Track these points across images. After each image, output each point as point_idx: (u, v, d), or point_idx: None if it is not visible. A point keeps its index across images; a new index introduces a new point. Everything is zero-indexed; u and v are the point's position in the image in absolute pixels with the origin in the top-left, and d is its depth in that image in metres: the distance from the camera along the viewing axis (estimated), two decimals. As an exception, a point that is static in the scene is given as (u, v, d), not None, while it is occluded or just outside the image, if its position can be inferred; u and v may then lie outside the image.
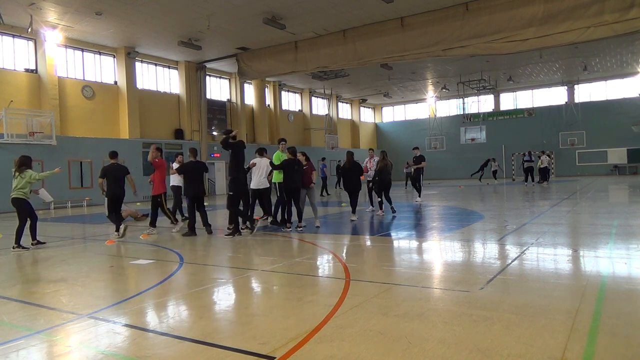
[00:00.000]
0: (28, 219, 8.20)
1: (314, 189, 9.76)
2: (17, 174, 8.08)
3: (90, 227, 10.54)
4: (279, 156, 10.15)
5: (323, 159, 24.26)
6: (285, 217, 9.84)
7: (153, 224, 9.75)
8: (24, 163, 8.14)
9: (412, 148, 16.38)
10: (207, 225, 9.46)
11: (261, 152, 10.23)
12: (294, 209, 9.57)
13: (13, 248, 7.98)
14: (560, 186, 22.45)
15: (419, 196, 15.27)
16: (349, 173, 10.93)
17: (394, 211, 11.62)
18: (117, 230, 9.05)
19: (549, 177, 25.25)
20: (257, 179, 9.69)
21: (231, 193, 8.95)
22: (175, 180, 11.27)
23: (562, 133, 34.88)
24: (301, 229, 9.30)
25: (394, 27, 18.80)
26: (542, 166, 23.94)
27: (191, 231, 9.26)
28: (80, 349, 3.27)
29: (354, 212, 10.85)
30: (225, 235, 8.84)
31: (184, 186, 9.79)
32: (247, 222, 9.63)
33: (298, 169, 9.36)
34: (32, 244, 8.25)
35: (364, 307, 3.93)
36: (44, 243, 8.56)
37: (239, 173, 8.90)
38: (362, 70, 28.06)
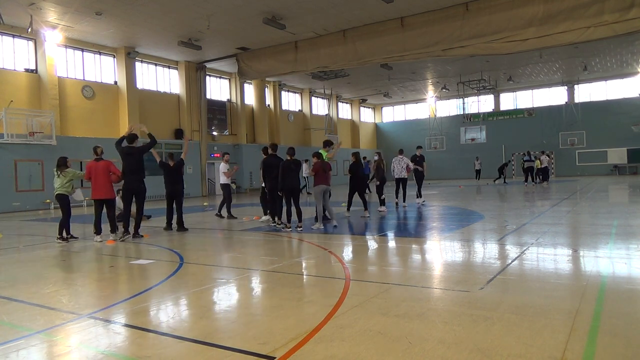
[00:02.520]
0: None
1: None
2: (58, 173, 8.85)
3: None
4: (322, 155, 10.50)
5: (364, 157, 24.24)
6: (276, 217, 10.11)
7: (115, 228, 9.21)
8: (63, 163, 8.97)
9: (416, 147, 15.58)
10: (181, 223, 10.03)
11: (266, 151, 10.39)
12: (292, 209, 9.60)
13: (67, 240, 8.79)
14: (560, 186, 22.45)
15: (419, 196, 15.10)
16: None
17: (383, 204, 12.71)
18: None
19: (548, 177, 25.34)
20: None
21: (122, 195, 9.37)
22: (223, 179, 12.48)
23: (562, 133, 34.90)
24: (301, 228, 9.32)
25: (394, 27, 18.81)
26: (542, 166, 23.99)
27: (168, 226, 10.16)
28: (80, 349, 3.27)
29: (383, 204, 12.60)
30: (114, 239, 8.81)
31: (165, 184, 10.30)
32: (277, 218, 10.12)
33: (294, 168, 9.43)
34: (57, 238, 8.86)
35: (364, 307, 3.93)
36: (77, 238, 9.18)
37: (125, 176, 9.12)
38: (362, 70, 28.06)
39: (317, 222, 9.66)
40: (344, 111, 41.88)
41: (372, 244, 7.73)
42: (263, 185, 11.02)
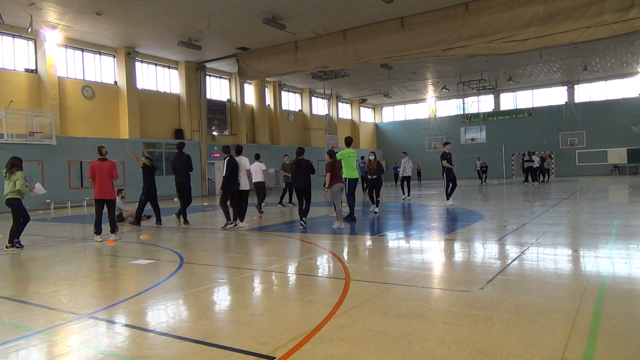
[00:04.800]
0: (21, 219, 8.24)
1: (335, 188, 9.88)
2: (7, 175, 8.13)
3: (90, 227, 10.53)
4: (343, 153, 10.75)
5: (362, 157, 24.35)
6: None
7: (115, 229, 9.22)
8: (14, 164, 8.19)
9: (444, 143, 14.99)
10: (158, 218, 11.46)
11: (227, 150, 10.29)
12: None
13: (6, 248, 7.99)
14: (560, 186, 22.45)
15: (447, 198, 13.91)
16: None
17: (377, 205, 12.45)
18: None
19: (545, 177, 25.96)
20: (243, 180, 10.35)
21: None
22: (260, 177, 13.52)
23: (562, 133, 34.91)
24: (303, 227, 9.36)
25: (394, 27, 18.80)
26: (535, 166, 24.30)
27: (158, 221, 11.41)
28: (80, 349, 3.27)
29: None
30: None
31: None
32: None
33: (298, 168, 9.49)
34: (6, 247, 8.02)
35: (364, 307, 3.93)
36: (22, 247, 8.17)
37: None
38: (362, 70, 28.06)
39: (336, 221, 9.57)
40: (344, 111, 41.88)
41: (372, 244, 7.73)
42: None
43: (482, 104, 38.36)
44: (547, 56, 27.68)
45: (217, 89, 29.01)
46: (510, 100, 40.00)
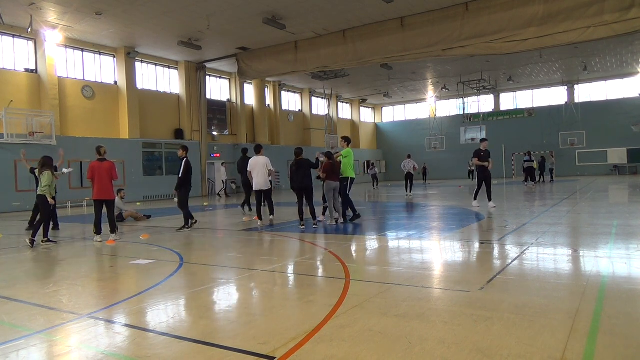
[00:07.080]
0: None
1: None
2: (39, 174, 8.68)
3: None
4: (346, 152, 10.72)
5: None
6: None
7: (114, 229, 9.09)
8: (44, 164, 8.62)
9: (480, 140, 14.04)
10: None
11: (258, 150, 10.51)
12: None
13: (42, 242, 8.47)
14: (560, 186, 22.45)
15: (489, 200, 12.53)
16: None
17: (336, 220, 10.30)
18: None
19: (543, 177, 26.51)
20: (257, 180, 10.21)
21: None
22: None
23: (562, 133, 34.91)
24: (303, 227, 9.39)
25: (394, 27, 18.81)
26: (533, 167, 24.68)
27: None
28: (80, 349, 3.27)
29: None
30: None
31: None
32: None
33: (299, 169, 9.69)
34: (29, 239, 8.42)
35: (364, 307, 3.93)
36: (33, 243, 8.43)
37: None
38: (362, 70, 28.07)
39: (330, 218, 10.05)
40: (344, 111, 41.88)
41: (372, 244, 7.73)
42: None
43: (482, 104, 38.37)
44: (547, 56, 27.69)
45: (217, 89, 29.01)
46: (510, 100, 40.00)
